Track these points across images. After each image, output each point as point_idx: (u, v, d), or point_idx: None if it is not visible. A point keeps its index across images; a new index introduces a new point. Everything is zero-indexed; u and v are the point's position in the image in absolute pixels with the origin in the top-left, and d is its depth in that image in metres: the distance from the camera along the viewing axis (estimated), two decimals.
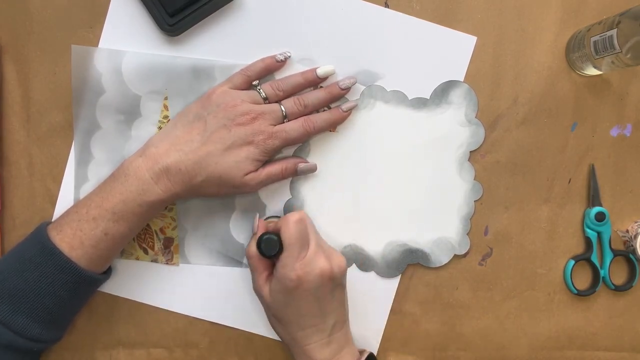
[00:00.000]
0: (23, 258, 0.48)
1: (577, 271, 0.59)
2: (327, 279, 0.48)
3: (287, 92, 0.53)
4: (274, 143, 0.51)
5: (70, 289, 0.48)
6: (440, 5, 0.56)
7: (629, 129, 0.58)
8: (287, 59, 0.54)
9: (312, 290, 0.47)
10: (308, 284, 0.47)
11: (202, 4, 0.53)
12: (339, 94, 0.54)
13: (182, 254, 0.56)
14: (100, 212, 0.48)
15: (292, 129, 0.52)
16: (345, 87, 0.54)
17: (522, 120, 0.57)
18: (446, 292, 0.58)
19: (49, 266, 0.47)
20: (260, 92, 0.52)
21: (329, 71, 0.54)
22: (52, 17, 0.54)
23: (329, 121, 0.54)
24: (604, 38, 0.50)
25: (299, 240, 0.48)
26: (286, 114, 0.52)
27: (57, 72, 0.55)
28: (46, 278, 0.47)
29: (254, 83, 0.53)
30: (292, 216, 0.48)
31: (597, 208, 0.57)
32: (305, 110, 0.53)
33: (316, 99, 0.53)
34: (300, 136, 0.53)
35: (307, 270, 0.47)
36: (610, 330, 0.59)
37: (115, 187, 0.48)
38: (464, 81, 0.56)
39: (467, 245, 0.58)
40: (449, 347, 0.59)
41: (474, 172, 0.57)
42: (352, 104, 0.55)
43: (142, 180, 0.48)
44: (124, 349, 0.57)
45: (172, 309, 0.57)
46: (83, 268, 0.48)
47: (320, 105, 0.54)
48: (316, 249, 0.48)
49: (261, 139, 0.50)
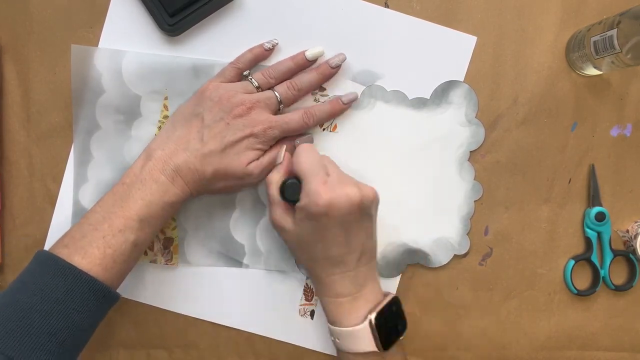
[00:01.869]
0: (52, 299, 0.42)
1: (577, 271, 0.59)
2: (355, 206, 0.46)
3: (278, 78, 0.53)
4: (274, 133, 0.51)
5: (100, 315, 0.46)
6: (440, 5, 0.56)
7: (629, 129, 0.58)
8: (274, 46, 0.54)
9: (339, 218, 0.46)
10: (336, 210, 0.45)
11: (202, 4, 0.53)
12: (330, 73, 0.54)
13: (182, 255, 0.56)
14: (126, 222, 0.46)
15: (291, 120, 0.52)
16: (336, 65, 0.54)
17: (522, 120, 0.57)
18: (446, 292, 0.58)
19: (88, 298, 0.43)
20: (252, 82, 0.52)
21: (318, 53, 0.54)
22: (52, 17, 0.54)
23: (328, 113, 0.54)
24: (604, 38, 0.50)
25: (315, 165, 0.47)
26: (281, 100, 0.52)
27: (57, 72, 0.55)
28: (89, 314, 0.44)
29: (244, 74, 0.53)
30: (299, 147, 0.49)
31: (597, 208, 0.57)
32: (299, 94, 0.53)
33: (308, 81, 0.53)
34: (299, 127, 0.53)
35: (333, 195, 0.45)
36: (610, 330, 0.59)
37: (133, 194, 0.47)
38: (464, 81, 0.56)
39: (467, 245, 0.58)
40: (449, 347, 0.59)
41: (474, 172, 0.57)
42: (352, 96, 0.55)
43: (159, 183, 0.48)
44: (124, 349, 0.57)
45: (172, 309, 0.57)
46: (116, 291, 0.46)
47: (313, 87, 0.54)
48: (340, 175, 0.47)
49: (260, 129, 0.50)
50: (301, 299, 0.58)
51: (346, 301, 0.49)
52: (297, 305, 0.58)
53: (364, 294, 0.49)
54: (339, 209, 0.46)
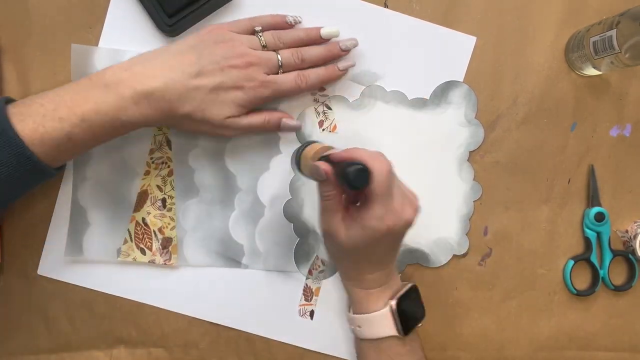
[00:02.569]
0: None
1: (576, 271, 0.59)
2: (410, 227, 0.47)
3: (287, 44, 0.52)
4: (263, 92, 0.50)
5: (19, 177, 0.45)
6: (440, 5, 0.56)
7: (628, 129, 0.58)
8: (296, 23, 0.54)
9: (396, 239, 0.48)
10: (395, 235, 0.46)
11: (200, 5, 0.53)
12: (338, 54, 0.54)
13: (181, 255, 0.56)
14: (68, 114, 0.44)
15: (284, 82, 0.51)
16: (346, 49, 0.54)
17: (521, 121, 0.57)
18: (446, 292, 0.58)
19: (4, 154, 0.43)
20: (261, 39, 0.51)
21: (333, 32, 0.53)
22: (52, 18, 0.54)
23: (322, 77, 0.53)
24: (604, 38, 0.50)
25: (388, 190, 0.45)
26: (282, 64, 0.51)
27: (57, 73, 0.55)
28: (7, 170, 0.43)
29: (256, 29, 0.52)
30: (383, 165, 0.45)
31: (597, 208, 0.57)
32: (301, 64, 0.52)
33: (315, 54, 0.53)
34: (291, 89, 0.52)
35: (396, 222, 0.45)
36: (610, 330, 0.59)
37: (91, 94, 0.45)
38: (463, 81, 0.56)
39: (466, 245, 0.58)
40: (449, 347, 0.59)
41: (473, 173, 0.57)
42: (349, 63, 0.54)
43: (121, 97, 0.46)
44: (125, 347, 0.57)
45: (173, 309, 0.57)
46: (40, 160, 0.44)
47: (317, 62, 0.53)
48: (402, 198, 0.47)
49: (251, 85, 0.50)
50: (301, 299, 0.58)
51: (376, 292, 0.50)
52: (297, 306, 0.58)
53: (390, 284, 0.51)
54: (398, 233, 0.47)
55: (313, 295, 0.58)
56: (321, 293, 0.58)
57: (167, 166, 0.56)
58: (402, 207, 0.46)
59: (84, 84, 0.46)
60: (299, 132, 0.56)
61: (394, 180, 0.46)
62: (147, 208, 0.56)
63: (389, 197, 0.45)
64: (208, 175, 0.56)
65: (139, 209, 0.56)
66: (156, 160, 0.56)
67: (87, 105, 0.45)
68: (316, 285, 0.58)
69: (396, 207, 0.45)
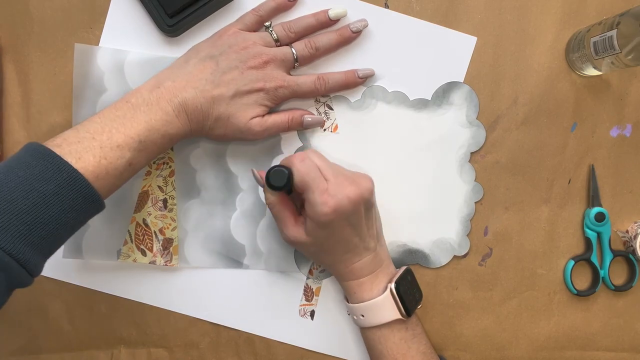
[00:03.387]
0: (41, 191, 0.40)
1: (577, 271, 0.59)
2: (358, 203, 0.47)
3: (298, 33, 0.53)
4: (284, 92, 0.51)
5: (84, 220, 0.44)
6: (440, 6, 0.56)
7: (628, 129, 0.58)
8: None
9: (347, 218, 0.47)
10: (342, 213, 0.47)
11: (201, 5, 0.53)
12: (350, 37, 0.54)
13: (182, 256, 0.56)
14: (126, 139, 0.45)
15: (304, 83, 0.52)
16: (357, 30, 0.54)
17: (522, 121, 0.57)
18: (446, 293, 0.58)
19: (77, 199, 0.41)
20: (272, 34, 0.52)
21: (341, 13, 0.54)
22: (52, 18, 0.54)
23: (341, 83, 0.54)
24: (604, 39, 0.50)
25: (312, 174, 0.47)
26: (297, 57, 0.52)
27: (57, 72, 0.55)
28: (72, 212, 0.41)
29: (265, 24, 0.53)
30: (295, 158, 0.48)
31: (597, 208, 0.57)
32: (316, 54, 0.53)
33: (327, 41, 0.53)
34: (310, 91, 0.53)
35: (338, 201, 0.46)
36: (610, 330, 0.59)
37: (137, 116, 0.46)
38: (463, 81, 0.56)
39: (467, 246, 0.58)
40: (449, 347, 0.59)
41: (475, 174, 0.57)
42: (369, 72, 0.55)
43: (165, 112, 0.47)
44: (126, 347, 0.57)
45: (173, 309, 0.57)
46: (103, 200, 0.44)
47: (331, 49, 0.54)
48: (336, 178, 0.47)
49: (272, 85, 0.51)
50: (301, 300, 0.58)
51: (368, 279, 0.51)
52: (297, 306, 0.58)
53: (382, 270, 0.52)
54: (344, 211, 0.47)
55: (314, 295, 0.58)
56: (322, 293, 0.58)
57: (168, 166, 0.56)
58: (341, 187, 0.47)
59: (125, 108, 0.46)
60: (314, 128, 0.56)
61: (323, 166, 0.48)
62: (148, 209, 0.56)
63: (320, 184, 0.47)
64: (209, 175, 0.56)
65: (139, 210, 0.56)
66: (157, 160, 0.56)
67: (140, 126, 0.46)
68: (317, 285, 0.58)
69: (335, 188, 0.47)
